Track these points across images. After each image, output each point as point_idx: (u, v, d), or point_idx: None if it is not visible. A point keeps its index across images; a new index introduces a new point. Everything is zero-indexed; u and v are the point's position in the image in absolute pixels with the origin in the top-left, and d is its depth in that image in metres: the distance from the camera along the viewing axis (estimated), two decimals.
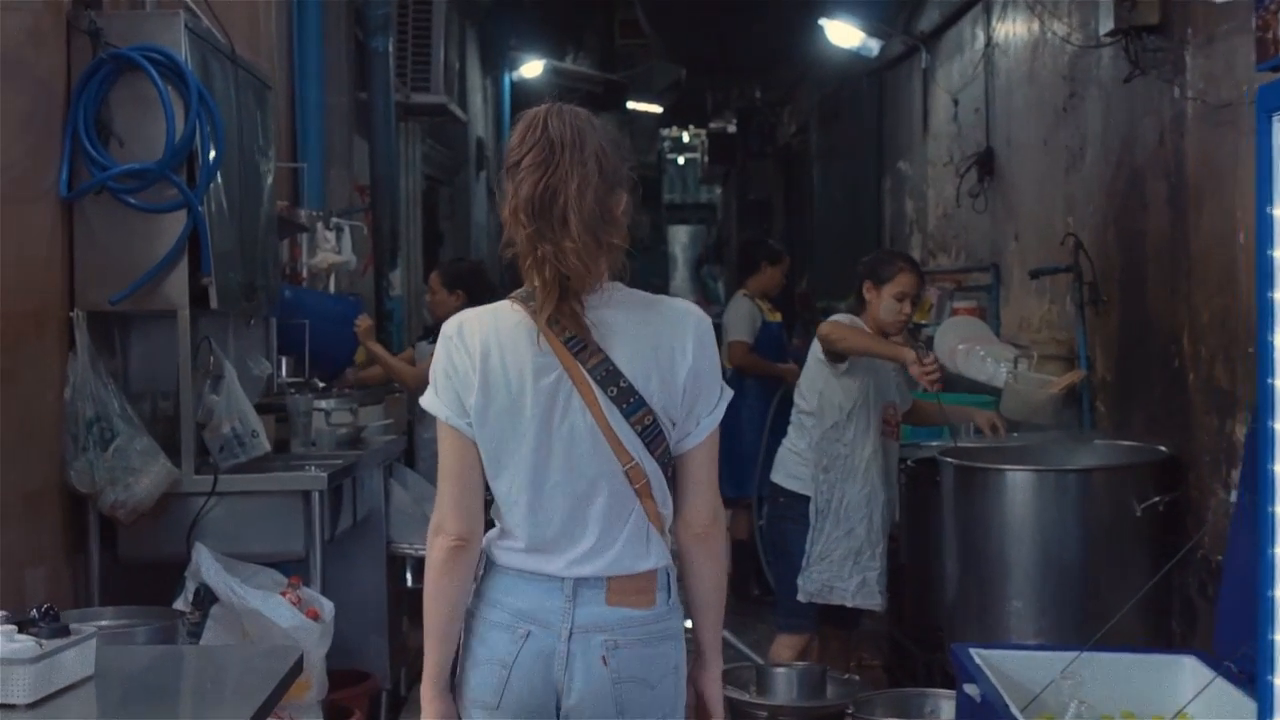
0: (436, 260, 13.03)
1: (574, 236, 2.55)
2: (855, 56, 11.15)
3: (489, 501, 2.74)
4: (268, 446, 5.05)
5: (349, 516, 5.52)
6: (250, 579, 4.71)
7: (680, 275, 32.10)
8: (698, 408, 2.69)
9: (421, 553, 5.97)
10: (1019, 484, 5.02)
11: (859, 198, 12.40)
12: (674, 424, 2.67)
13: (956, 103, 8.82)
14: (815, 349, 5.56)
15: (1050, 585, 4.94)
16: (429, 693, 2.74)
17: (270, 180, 5.79)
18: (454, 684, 2.74)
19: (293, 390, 6.43)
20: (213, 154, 4.83)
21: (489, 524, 2.75)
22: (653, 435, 2.64)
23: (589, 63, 19.87)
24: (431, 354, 2.70)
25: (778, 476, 5.69)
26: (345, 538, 5.63)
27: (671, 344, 2.66)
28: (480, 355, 2.63)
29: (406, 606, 6.76)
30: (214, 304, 4.83)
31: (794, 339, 10.25)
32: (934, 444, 6.41)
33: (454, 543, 2.66)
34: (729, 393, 2.76)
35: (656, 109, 25.81)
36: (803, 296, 13.62)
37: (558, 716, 2.68)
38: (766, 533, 5.78)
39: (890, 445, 5.65)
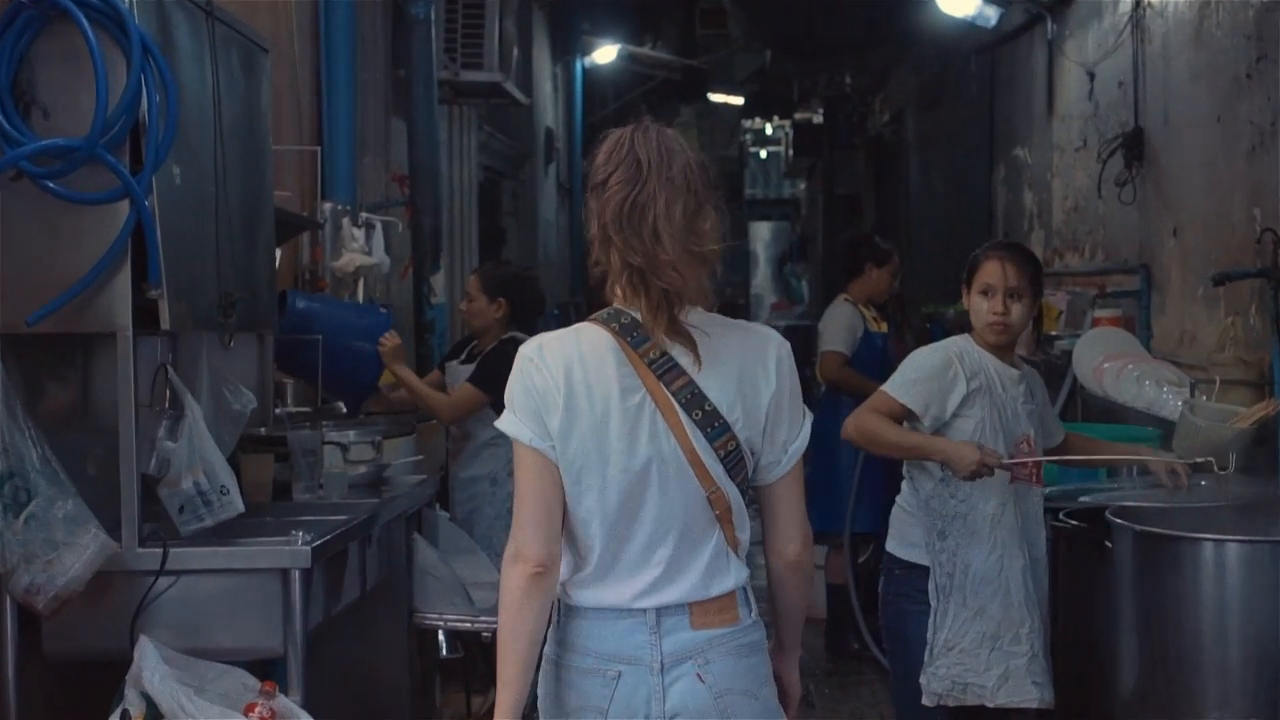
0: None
1: (667, 249, 2.57)
2: (964, 31, 9.93)
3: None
4: (240, 506, 3.91)
5: (354, 588, 4.36)
6: (210, 684, 3.58)
7: (762, 273, 31.10)
8: (781, 434, 2.69)
9: (453, 623, 4.85)
10: (1228, 558, 3.84)
11: (965, 190, 11.19)
12: (754, 451, 2.68)
13: (1093, 77, 7.56)
14: None
15: (1267, 688, 3.82)
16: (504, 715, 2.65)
17: (265, 166, 4.65)
18: None
19: (305, 423, 5.30)
20: (164, 129, 3.67)
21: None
22: (735, 461, 2.64)
23: (667, 51, 18.69)
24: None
25: (892, 544, 4.47)
26: (356, 608, 4.48)
27: (755, 368, 2.67)
28: (564, 375, 2.62)
29: (439, 680, 5.62)
30: (165, 323, 3.69)
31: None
32: (1090, 488, 5.16)
33: (535, 570, 2.61)
34: (810, 417, 2.74)
35: (738, 100, 24.73)
36: (895, 300, 12.41)
37: None
38: (882, 613, 4.54)
39: (1028, 494, 4.39)
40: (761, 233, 31.10)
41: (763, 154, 30.09)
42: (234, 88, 4.36)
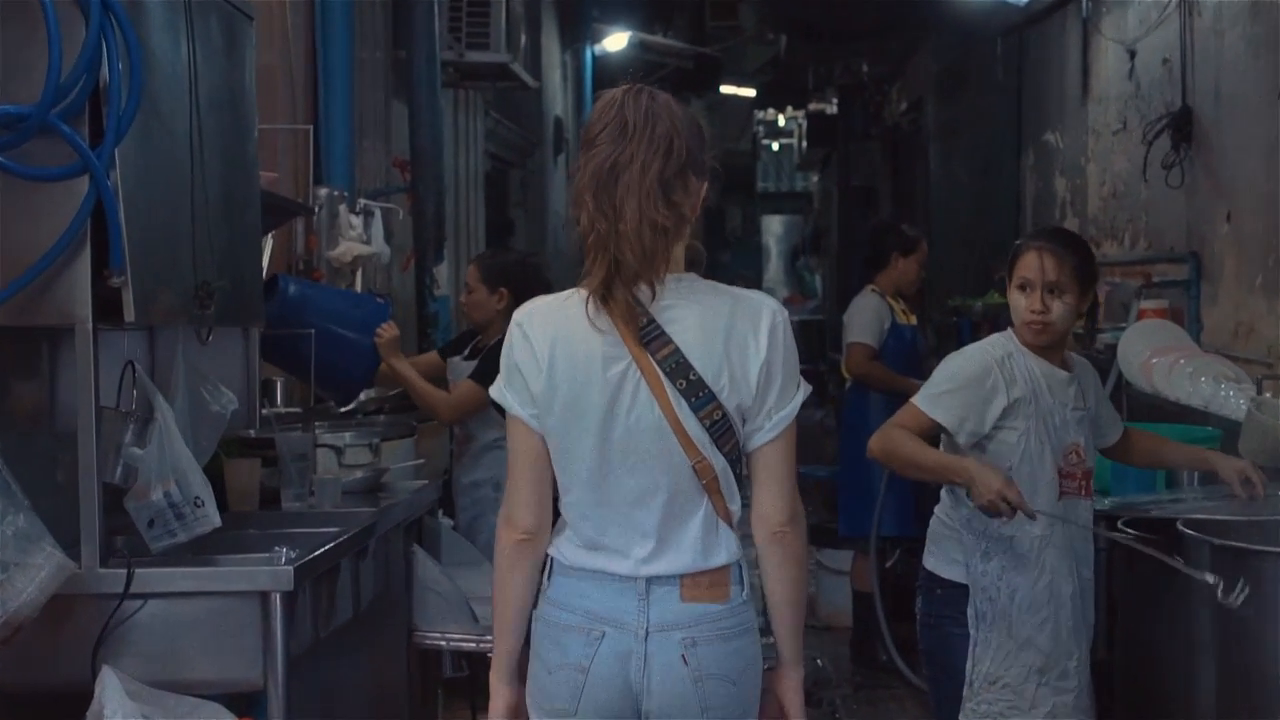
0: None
1: (627, 219, 2.54)
2: (990, 12, 9.51)
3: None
4: (216, 520, 3.50)
5: (347, 607, 3.96)
6: None
7: (774, 267, 30.67)
8: (769, 402, 2.65)
9: (456, 642, 4.46)
10: None
11: (990, 179, 10.79)
12: (744, 420, 2.64)
13: (1133, 55, 7.15)
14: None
15: None
16: (498, 682, 2.77)
17: (249, 144, 4.25)
18: (525, 688, 2.74)
19: (296, 424, 4.91)
20: (127, 96, 3.27)
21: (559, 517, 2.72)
22: (722, 430, 2.62)
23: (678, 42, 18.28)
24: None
25: (931, 560, 4.03)
26: (350, 628, 4.08)
27: (745, 337, 2.63)
28: (548, 343, 2.62)
29: (440, 697, 5.23)
30: (128, 314, 3.29)
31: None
32: (1139, 501, 4.75)
33: (521, 536, 2.68)
34: (807, 389, 2.71)
35: (750, 92, 24.28)
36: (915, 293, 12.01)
37: (638, 719, 2.66)
38: (922, 636, 4.11)
39: (1077, 507, 3.96)
40: (774, 226, 30.67)
41: (775, 146, 29.61)
42: (213, 57, 3.95)
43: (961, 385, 3.77)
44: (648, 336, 2.59)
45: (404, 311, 7.01)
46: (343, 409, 5.48)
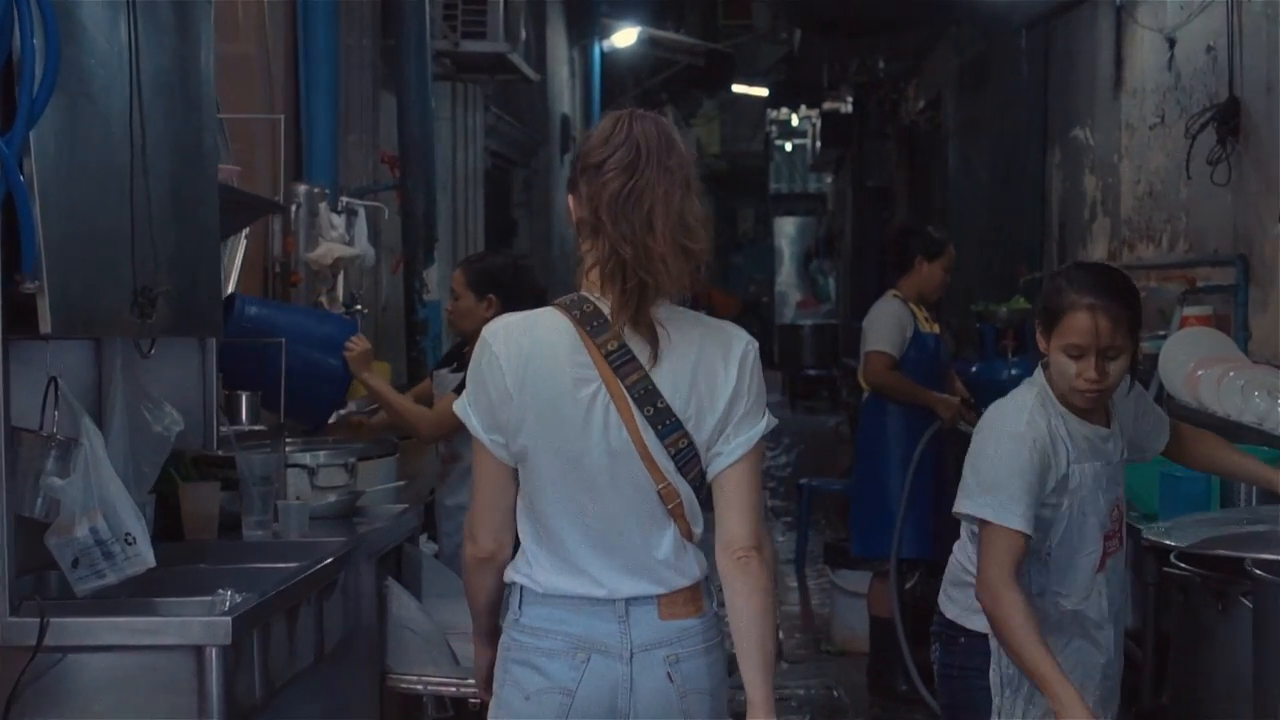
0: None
1: (660, 242, 2.55)
2: (1013, 4, 9.03)
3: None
4: (150, 560, 3.07)
5: (307, 652, 3.52)
6: None
7: (787, 270, 30.13)
8: (730, 428, 2.65)
9: (434, 686, 4.04)
10: None
11: (1013, 178, 10.35)
12: (709, 449, 2.65)
13: (1173, 44, 6.69)
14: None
15: None
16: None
17: (206, 135, 3.81)
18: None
19: (264, 442, 4.47)
20: (42, 73, 2.83)
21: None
22: (687, 458, 2.63)
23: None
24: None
25: (953, 609, 3.56)
26: (312, 672, 3.64)
27: (715, 366, 2.64)
28: (518, 362, 2.61)
29: None
30: (44, 325, 2.85)
31: None
32: (1199, 518, 4.30)
33: (482, 554, 2.72)
34: (772, 422, 2.70)
35: (762, 91, 23.83)
36: None
37: None
38: (942, 688, 3.64)
39: (1118, 564, 3.49)
40: (787, 228, 30.12)
41: (788, 147, 29.07)
42: (160, 34, 3.52)
43: (1020, 477, 3.21)
44: (617, 361, 2.58)
45: (392, 318, 6.58)
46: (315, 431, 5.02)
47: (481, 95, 9.14)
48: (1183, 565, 3.82)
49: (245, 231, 5.26)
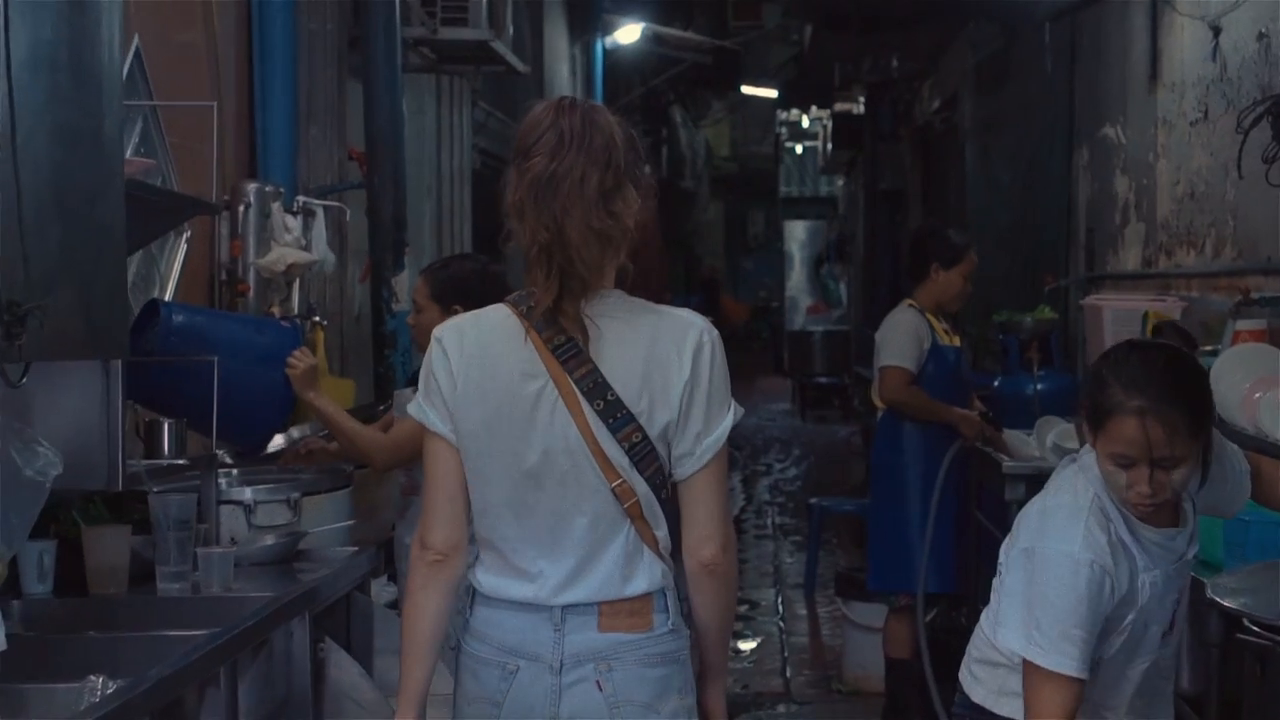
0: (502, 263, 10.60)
1: (576, 228, 2.48)
2: None
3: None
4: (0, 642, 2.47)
5: None
6: None
7: (797, 275, 29.56)
8: (694, 426, 2.55)
9: None
10: None
11: (1036, 180, 9.81)
12: (669, 444, 2.55)
13: (1218, 32, 6.09)
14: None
15: None
16: (402, 715, 2.63)
17: (106, 121, 3.23)
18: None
19: (189, 476, 3.90)
20: None
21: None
22: (642, 454, 2.53)
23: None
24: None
25: (980, 692, 2.99)
26: None
27: (668, 357, 2.55)
28: (464, 358, 2.57)
29: None
30: None
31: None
32: (1262, 566, 3.70)
33: (435, 557, 2.60)
34: (739, 412, 2.60)
35: (771, 93, 23.31)
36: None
37: None
38: None
39: (1167, 646, 2.95)
40: (797, 232, 29.48)
41: (798, 149, 28.46)
42: (37, 7, 2.94)
43: (1077, 611, 2.68)
44: (565, 354, 2.51)
45: (360, 329, 6.01)
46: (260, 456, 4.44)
47: (469, 89, 8.56)
48: (1259, 630, 3.24)
49: (185, 235, 4.69)
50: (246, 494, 4.07)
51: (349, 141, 5.91)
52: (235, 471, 4.32)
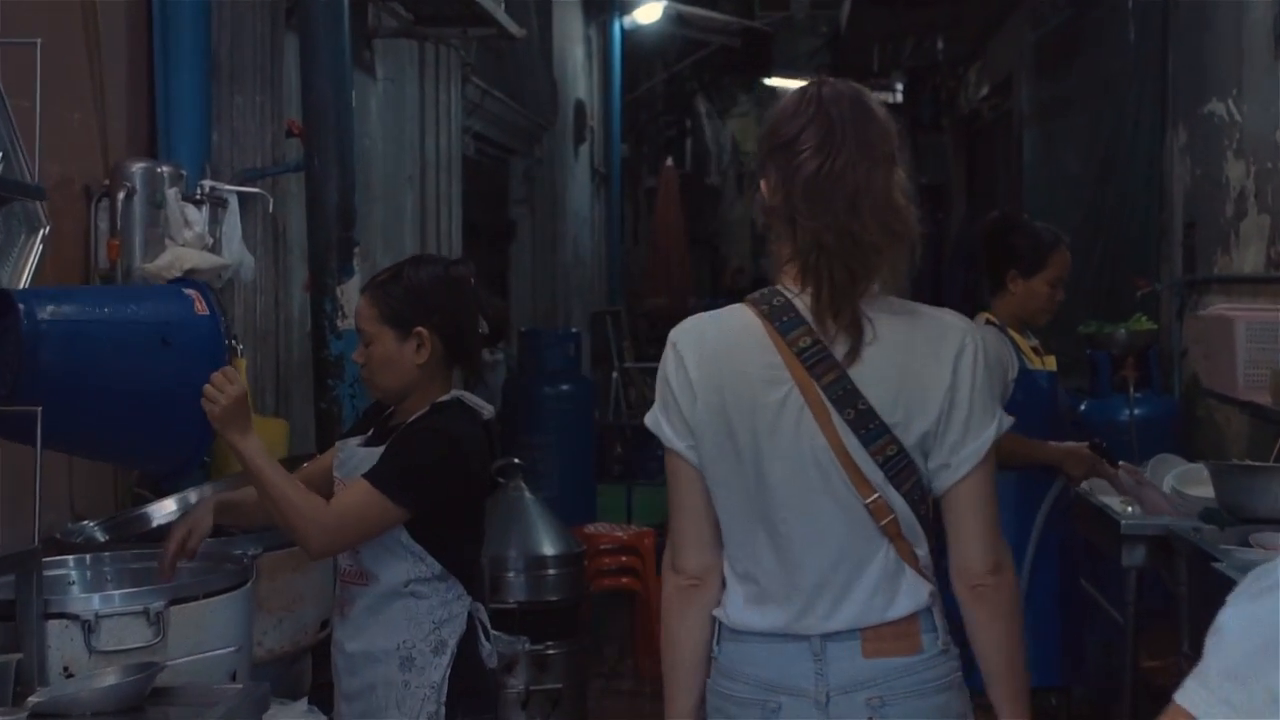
0: (504, 264, 9.37)
1: (868, 227, 2.33)
2: None
3: None
4: None
5: None
6: None
7: None
8: (951, 435, 2.36)
9: None
10: None
11: (1115, 168, 8.65)
12: (927, 455, 2.38)
13: None
14: None
15: None
16: None
17: None
18: None
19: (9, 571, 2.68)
20: None
21: None
22: (898, 467, 2.36)
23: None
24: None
25: None
26: None
27: (925, 361, 2.37)
28: (702, 364, 2.41)
29: None
30: None
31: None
32: None
33: (688, 582, 2.47)
34: (1007, 422, 2.43)
35: (803, 84, 22.11)
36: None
37: None
38: None
39: None
40: None
41: None
42: None
43: (1250, 661, 1.93)
44: (811, 358, 2.34)
45: (297, 354, 4.76)
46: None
47: (459, 61, 7.32)
48: None
49: (42, 232, 3.47)
50: (88, 604, 2.84)
51: (288, 113, 4.68)
52: (74, 562, 3.08)
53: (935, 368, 2.35)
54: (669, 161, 15.95)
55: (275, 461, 3.15)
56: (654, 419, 2.44)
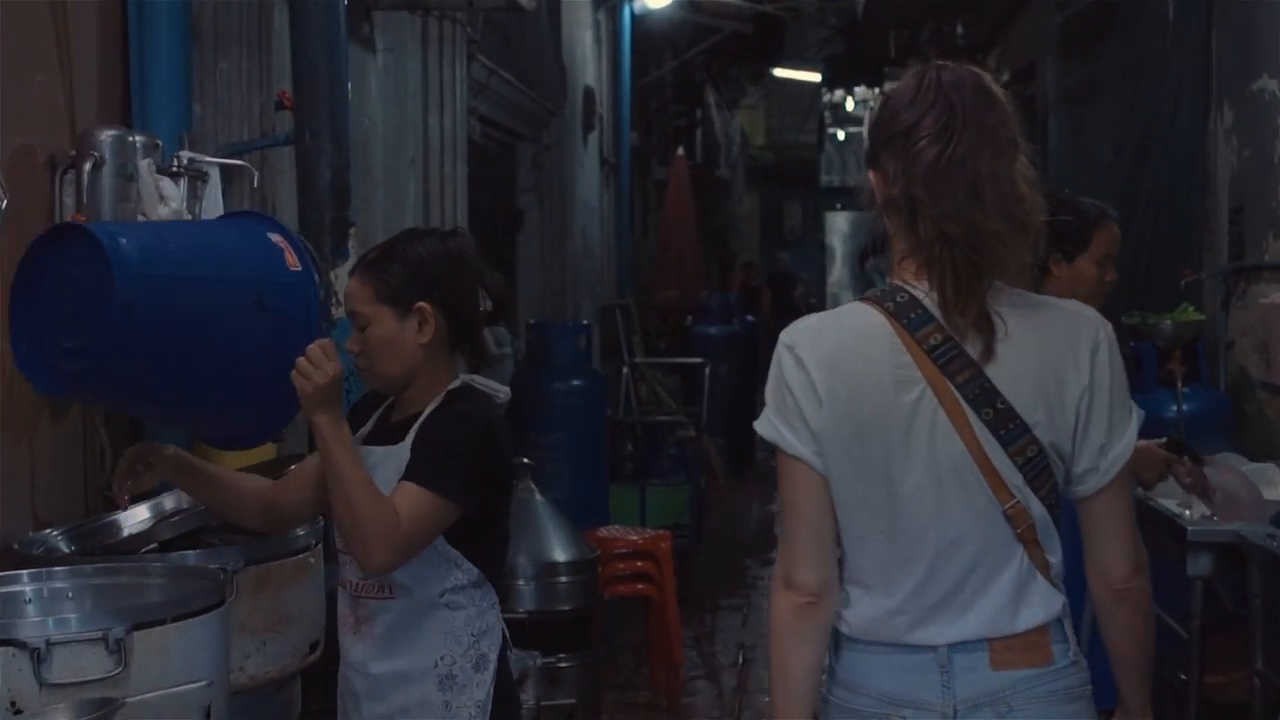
0: (511, 254, 9.00)
1: (991, 216, 2.26)
2: None
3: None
4: None
5: None
6: None
7: (838, 270, 28.25)
8: (1096, 437, 2.31)
9: None
10: None
11: (1152, 152, 8.24)
12: (1062, 457, 2.32)
13: None
14: None
15: None
16: None
17: None
18: None
19: None
20: None
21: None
22: (1037, 469, 2.29)
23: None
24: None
25: None
26: None
27: (1063, 357, 2.31)
28: (825, 366, 2.32)
29: None
30: None
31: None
32: None
33: (805, 600, 2.35)
34: (1141, 416, 2.42)
35: (814, 76, 21.77)
36: None
37: None
38: None
39: None
40: (838, 224, 28.24)
41: (840, 135, 26.96)
42: None
43: None
44: (944, 356, 2.27)
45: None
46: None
47: (464, 38, 6.95)
48: None
49: (1, 205, 3.10)
50: (45, 628, 2.48)
51: (279, 83, 4.31)
52: (36, 580, 2.71)
53: (1072, 363, 2.29)
54: (680, 151, 15.60)
55: (359, 458, 2.85)
56: (770, 425, 2.33)
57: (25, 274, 3.02)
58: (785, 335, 2.36)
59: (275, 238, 3.05)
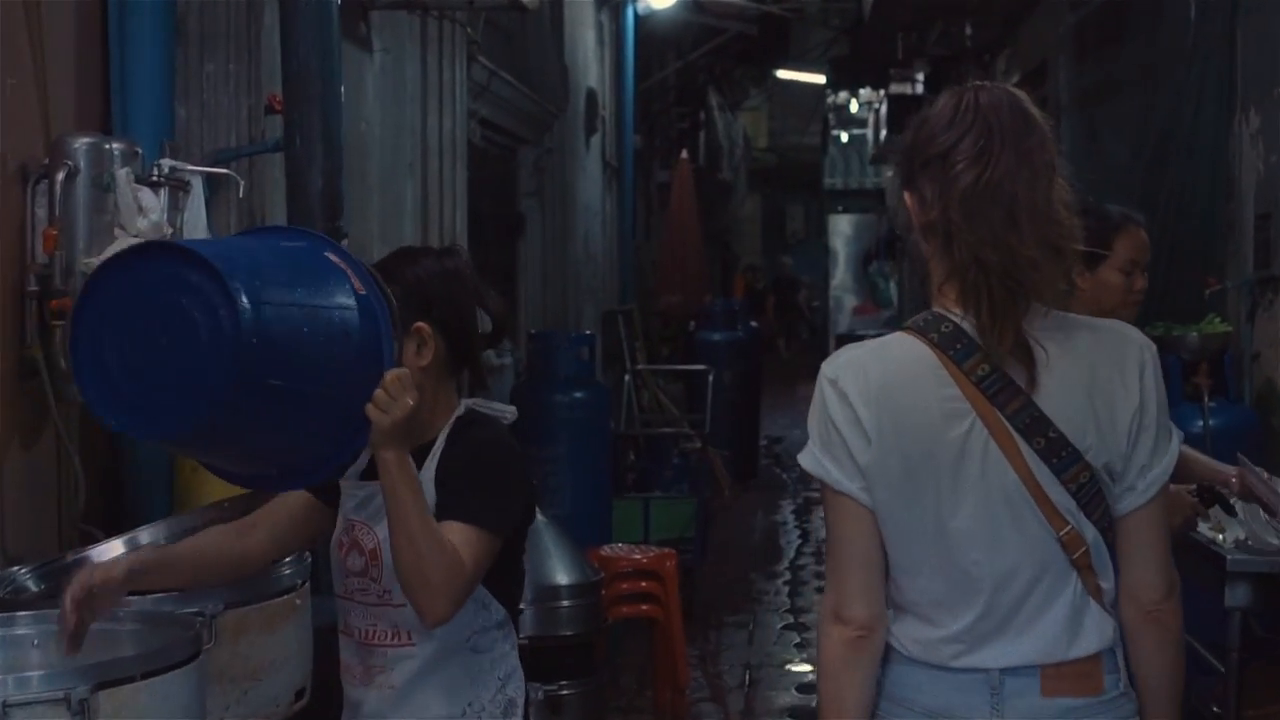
0: (512, 260, 8.82)
1: (1027, 241, 2.24)
2: None
3: None
4: None
5: None
6: None
7: (842, 273, 28.05)
8: (1140, 457, 2.29)
9: None
10: None
11: (1169, 155, 8.04)
12: (1114, 479, 2.30)
13: None
14: None
15: None
16: None
17: None
18: None
19: None
20: None
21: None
22: (1090, 494, 2.27)
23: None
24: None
25: None
26: None
27: (1111, 379, 2.28)
28: (871, 400, 2.29)
29: None
30: None
31: None
32: None
33: (856, 634, 2.33)
34: (1180, 437, 2.37)
35: (818, 78, 21.61)
36: None
37: None
38: None
39: None
40: (842, 227, 28.06)
41: (844, 137, 26.77)
42: None
43: None
44: (992, 387, 2.25)
45: None
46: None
47: (464, 39, 6.74)
48: None
49: None
50: (6, 688, 2.27)
51: (268, 86, 4.08)
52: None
53: (1121, 385, 2.26)
54: (684, 154, 15.39)
55: (425, 502, 2.62)
56: (814, 460, 2.30)
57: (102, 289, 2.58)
58: (827, 368, 2.33)
59: (333, 258, 2.76)
